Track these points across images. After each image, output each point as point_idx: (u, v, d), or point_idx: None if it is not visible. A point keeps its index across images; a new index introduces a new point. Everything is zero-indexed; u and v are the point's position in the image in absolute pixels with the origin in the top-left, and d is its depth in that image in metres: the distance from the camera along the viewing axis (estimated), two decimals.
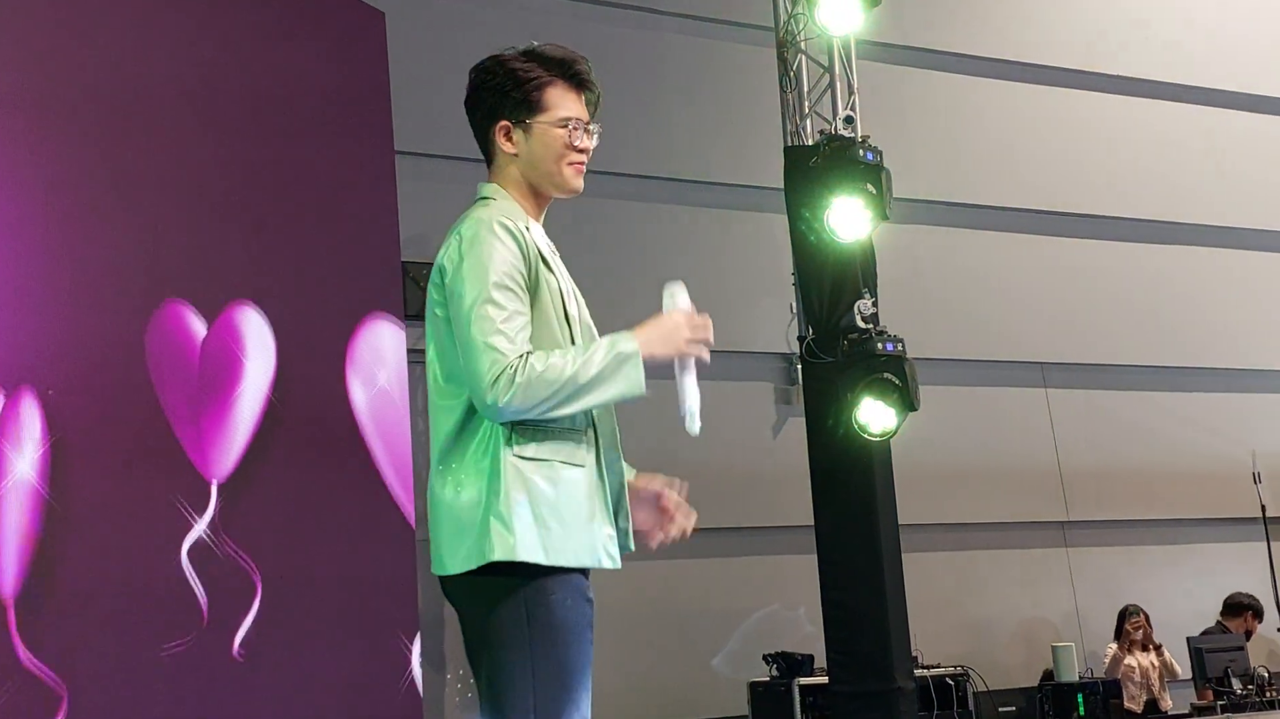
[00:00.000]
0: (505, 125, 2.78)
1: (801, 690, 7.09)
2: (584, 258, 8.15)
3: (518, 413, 2.55)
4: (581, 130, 2.82)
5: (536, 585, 2.59)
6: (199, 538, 5.26)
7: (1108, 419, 9.46)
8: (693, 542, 8.87)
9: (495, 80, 2.79)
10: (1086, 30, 9.97)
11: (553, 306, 2.68)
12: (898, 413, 6.49)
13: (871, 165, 6.59)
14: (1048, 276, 9.47)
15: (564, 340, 2.68)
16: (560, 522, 2.61)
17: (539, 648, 2.59)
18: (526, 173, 2.80)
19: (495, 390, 2.52)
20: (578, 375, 2.56)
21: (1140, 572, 9.20)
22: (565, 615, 2.61)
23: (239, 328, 5.68)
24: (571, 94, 2.82)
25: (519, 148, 2.78)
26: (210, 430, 5.40)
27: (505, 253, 2.61)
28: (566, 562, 2.61)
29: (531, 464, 2.60)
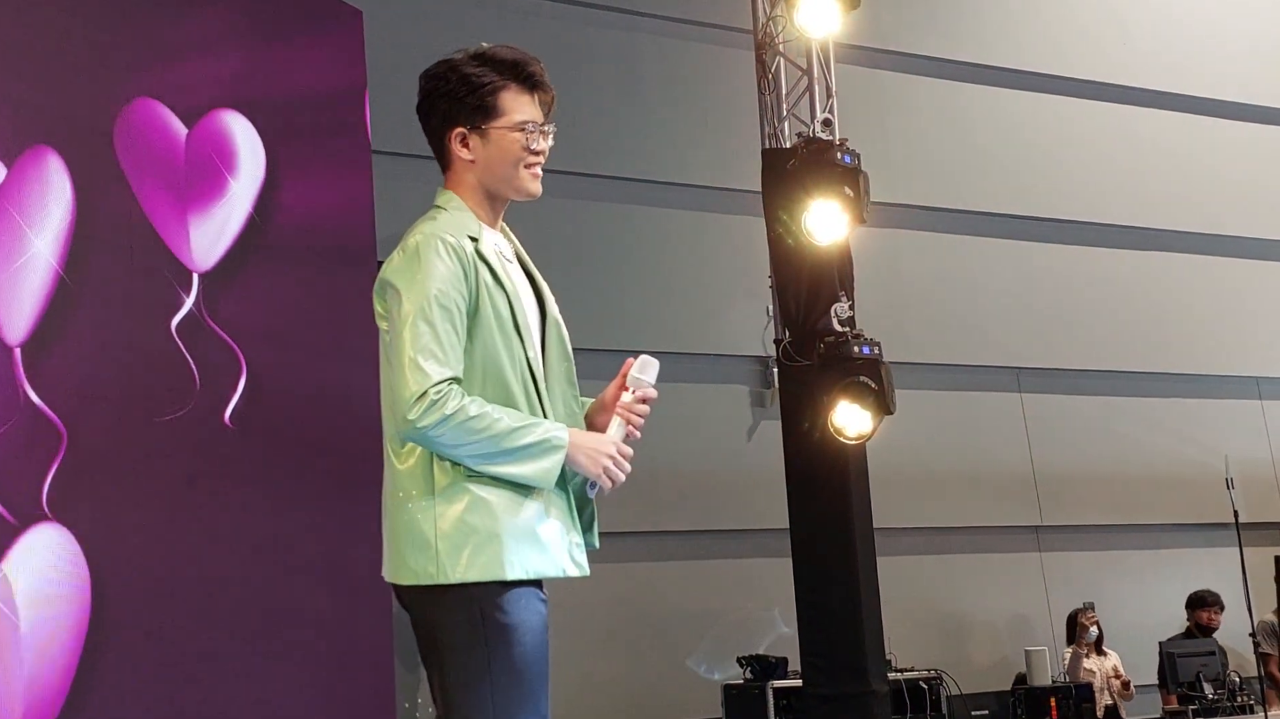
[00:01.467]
0: (461, 132, 2.75)
1: (775, 693, 7.08)
2: (561, 259, 8.18)
3: (430, 442, 2.54)
4: (537, 133, 2.77)
5: (489, 594, 2.57)
6: (188, 314, 5.55)
7: (1081, 424, 9.49)
8: (667, 543, 8.94)
9: (448, 86, 2.76)
10: (1065, 36, 10.00)
11: (496, 323, 2.65)
12: (874, 416, 6.50)
13: (849, 168, 6.60)
14: (1023, 281, 9.50)
15: (513, 355, 2.66)
16: (513, 536, 2.59)
17: (495, 651, 2.57)
18: (484, 178, 2.77)
19: (416, 409, 2.50)
20: (502, 439, 2.55)
21: (1113, 576, 9.23)
22: (519, 618, 2.59)
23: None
24: (525, 96, 2.77)
25: (475, 154, 2.75)
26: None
27: (446, 272, 2.59)
28: (518, 575, 2.58)
29: (472, 480, 2.58)
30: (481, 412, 2.54)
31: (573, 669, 7.73)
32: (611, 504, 8.76)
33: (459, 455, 2.55)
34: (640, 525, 8.05)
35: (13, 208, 5.12)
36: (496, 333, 2.64)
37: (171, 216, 5.66)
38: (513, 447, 2.55)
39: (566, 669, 7.73)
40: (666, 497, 8.12)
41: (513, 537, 2.58)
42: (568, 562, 2.68)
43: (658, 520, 8.10)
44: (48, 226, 5.21)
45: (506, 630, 2.57)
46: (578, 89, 8.28)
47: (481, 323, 2.62)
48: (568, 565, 2.67)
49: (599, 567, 8.70)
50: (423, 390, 2.50)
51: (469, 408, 2.52)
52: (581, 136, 8.23)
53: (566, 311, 2.64)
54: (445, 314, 2.56)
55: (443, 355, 2.53)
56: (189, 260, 5.65)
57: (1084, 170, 9.83)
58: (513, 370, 2.65)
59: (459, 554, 2.55)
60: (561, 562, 2.66)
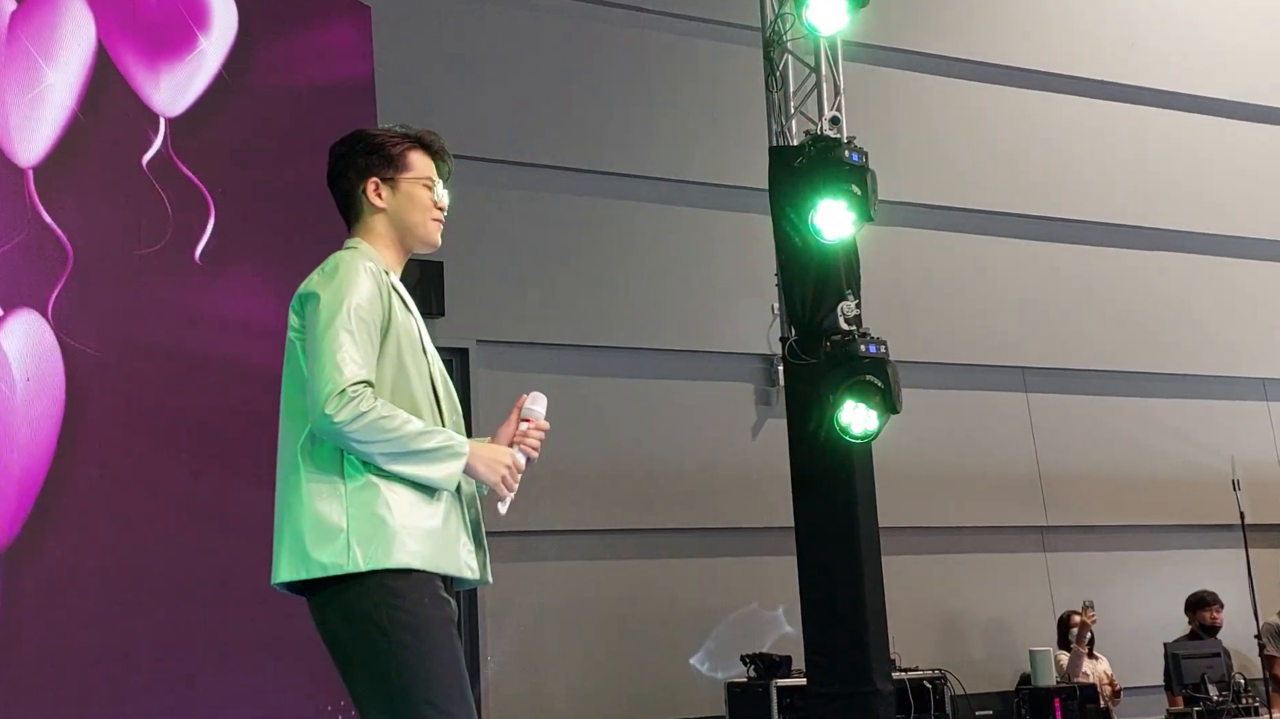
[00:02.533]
0: (375, 181, 3.02)
1: (779, 692, 7.07)
2: (566, 256, 8.20)
3: (344, 437, 2.71)
4: (440, 188, 3.08)
5: (394, 584, 2.70)
6: (156, 153, 5.77)
7: (1087, 424, 9.48)
8: (671, 541, 8.95)
9: (364, 144, 3.04)
10: (1073, 34, 9.99)
11: (407, 343, 2.89)
12: (879, 415, 6.48)
13: (857, 166, 6.58)
14: (1031, 281, 9.48)
15: (420, 372, 2.90)
16: (419, 532, 2.75)
17: (397, 639, 2.67)
18: (393, 225, 3.03)
19: (333, 404, 2.69)
20: (409, 440, 2.74)
21: (1118, 577, 9.22)
22: (425, 613, 2.71)
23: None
24: (429, 159, 3.08)
25: (387, 202, 3.02)
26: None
27: (366, 289, 2.83)
28: (421, 565, 2.73)
29: (380, 477, 2.75)
30: (392, 413, 2.74)
31: (576, 666, 7.74)
32: (617, 500, 8.80)
33: (370, 452, 2.72)
34: (644, 523, 8.06)
35: (26, 39, 5.41)
36: (406, 351, 2.88)
37: None
38: (419, 448, 2.75)
39: (570, 666, 7.76)
40: (671, 494, 8.11)
41: (418, 532, 2.75)
42: (463, 565, 2.85)
43: (662, 518, 8.10)
44: (62, 60, 5.48)
45: (410, 619, 2.68)
46: (585, 86, 8.28)
47: (393, 341, 2.85)
48: (463, 568, 2.85)
49: (603, 563, 8.70)
50: (341, 388, 2.70)
51: (380, 408, 2.73)
52: (588, 133, 8.23)
53: (572, 308, 2.65)
54: (364, 325, 2.79)
55: (360, 359, 2.75)
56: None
57: (1092, 169, 9.81)
58: (420, 386, 2.88)
59: (368, 545, 2.69)
60: (459, 563, 2.84)
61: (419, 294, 7.49)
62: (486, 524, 3.11)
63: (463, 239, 7.75)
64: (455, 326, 7.66)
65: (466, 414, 8.04)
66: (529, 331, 7.93)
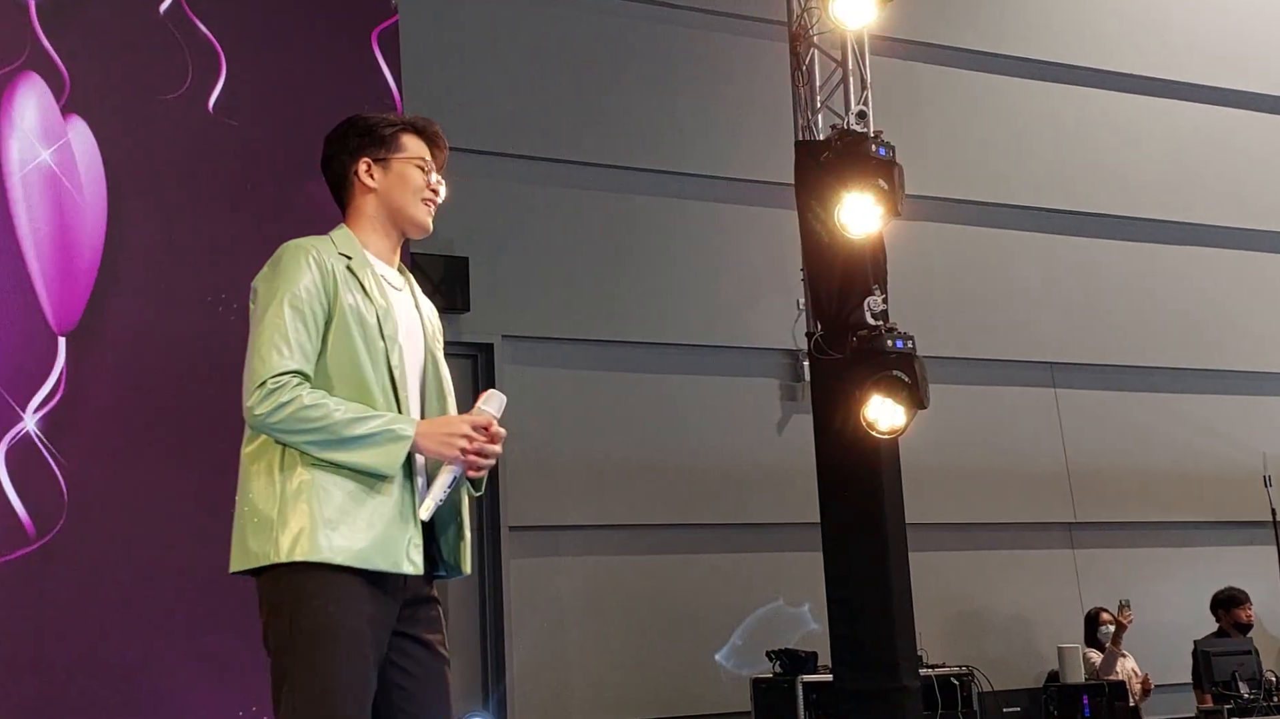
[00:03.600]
0: (367, 162, 3.00)
1: (805, 688, 7.06)
2: (593, 252, 8.18)
3: (268, 429, 2.70)
4: (435, 173, 3.06)
5: (304, 587, 2.66)
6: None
7: (1117, 420, 9.42)
8: (697, 537, 8.92)
9: (358, 127, 3.03)
10: (1101, 28, 9.92)
11: (359, 328, 2.81)
12: (907, 411, 6.45)
13: (884, 161, 6.55)
14: (1059, 276, 9.43)
15: (375, 358, 2.81)
16: (348, 524, 2.68)
17: (300, 634, 2.65)
18: (383, 205, 3.00)
19: (253, 396, 2.69)
20: (340, 428, 2.70)
21: (1147, 574, 9.16)
22: (331, 615, 2.65)
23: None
24: (423, 142, 3.06)
25: (378, 182, 3.00)
26: None
27: (302, 278, 2.79)
28: (344, 561, 2.67)
29: (314, 468, 2.71)
30: (318, 402, 2.70)
31: (601, 661, 7.73)
32: (644, 497, 8.79)
33: (298, 443, 2.70)
34: (670, 518, 8.05)
35: None
36: (357, 336, 2.81)
37: None
38: (351, 435, 2.70)
39: (595, 661, 7.76)
40: (696, 489, 8.10)
41: (350, 525, 2.69)
42: (402, 558, 2.74)
43: (687, 513, 8.08)
44: None
45: (319, 615, 2.64)
46: (610, 81, 8.27)
47: (342, 323, 2.80)
48: (402, 562, 2.74)
49: (628, 559, 8.69)
50: (260, 380, 2.70)
51: (304, 398, 2.70)
52: (614, 128, 8.22)
53: (598, 303, 2.62)
54: (296, 314, 2.76)
55: (287, 350, 2.72)
56: None
57: (1122, 164, 9.75)
58: (373, 371, 2.81)
59: (292, 537, 2.66)
60: (395, 557, 2.73)
61: (444, 290, 7.53)
62: (510, 519, 3.07)
63: (488, 234, 7.75)
64: (481, 322, 7.66)
65: None
66: (554, 327, 7.93)
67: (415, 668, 2.80)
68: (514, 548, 7.57)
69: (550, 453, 7.78)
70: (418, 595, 2.83)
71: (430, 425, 2.79)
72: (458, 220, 7.60)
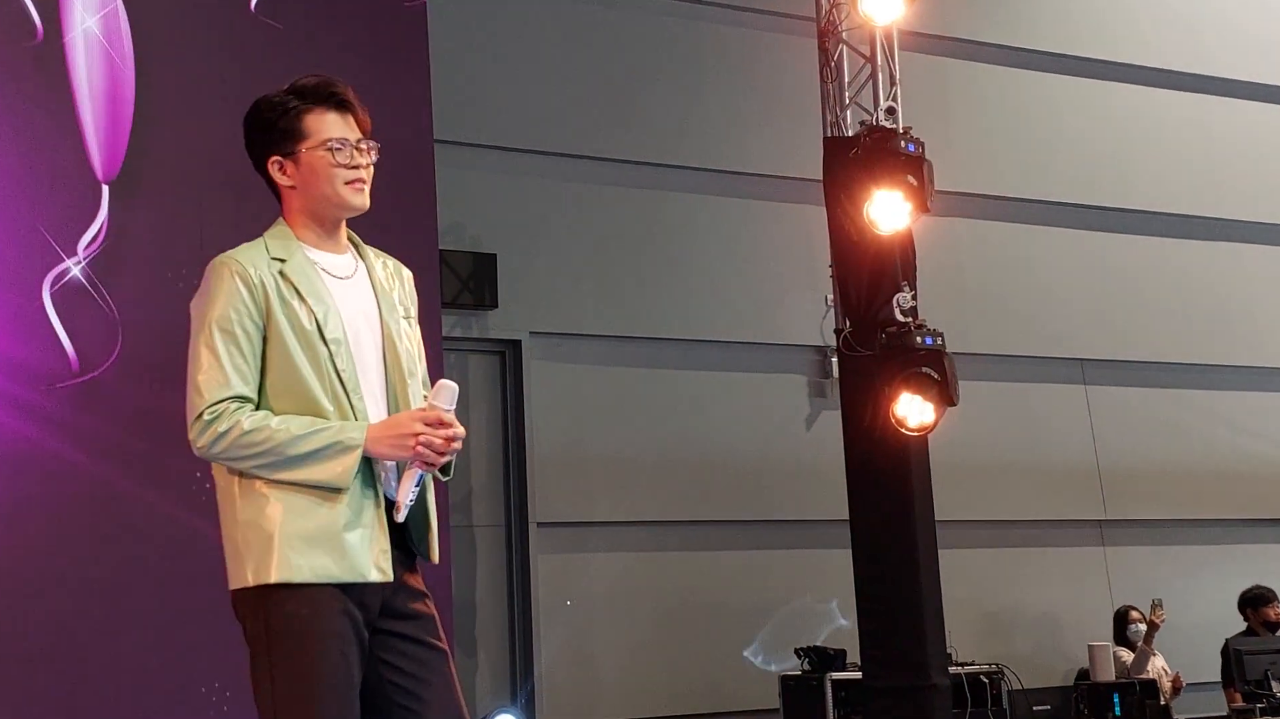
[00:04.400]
0: (276, 159, 2.83)
1: (834, 685, 7.05)
2: (621, 248, 8.18)
3: (217, 459, 2.69)
4: (350, 149, 2.82)
5: (277, 598, 2.64)
6: None
7: (1147, 417, 9.37)
8: (725, 533, 8.91)
9: (257, 119, 2.85)
10: (1132, 22, 9.85)
11: (297, 336, 2.73)
12: (936, 408, 6.43)
13: (913, 157, 6.53)
14: (1089, 272, 9.38)
15: (319, 366, 2.74)
16: (307, 541, 2.66)
17: (276, 656, 2.64)
18: (305, 200, 2.84)
19: (193, 430, 2.67)
20: (285, 447, 2.66)
21: (1178, 572, 9.11)
22: (305, 627, 2.63)
23: None
24: (331, 115, 2.84)
25: (293, 178, 2.83)
26: None
27: (229, 297, 2.71)
28: (306, 578, 2.64)
29: (269, 486, 2.68)
30: (258, 425, 2.66)
31: (629, 658, 7.74)
32: (671, 493, 8.77)
33: (246, 469, 2.68)
34: (697, 515, 8.04)
35: None
36: (296, 345, 2.72)
37: None
38: (297, 453, 2.66)
39: (623, 658, 7.76)
40: (724, 486, 8.09)
41: (306, 541, 2.66)
42: (369, 567, 2.69)
43: (715, 510, 8.08)
44: None
45: (290, 636, 2.63)
46: (638, 78, 8.27)
47: (278, 337, 2.72)
48: (369, 571, 2.69)
49: (656, 555, 8.67)
50: (198, 413, 2.67)
51: (243, 423, 2.66)
52: (641, 125, 8.21)
53: (625, 299, 2.59)
54: (226, 337, 2.69)
55: (222, 378, 2.67)
56: None
57: (1151, 159, 9.68)
58: (318, 380, 2.74)
59: (255, 560, 2.65)
60: (362, 567, 2.68)
61: (472, 286, 7.55)
62: (538, 515, 3.03)
63: (516, 231, 7.76)
64: (508, 319, 7.67)
65: (519, 406, 8.07)
66: (582, 324, 7.93)
67: (410, 664, 2.75)
68: (542, 544, 7.58)
69: (578, 449, 7.78)
70: (399, 586, 2.76)
71: (380, 429, 2.71)
72: (485, 217, 7.62)
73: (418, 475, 2.74)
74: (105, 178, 5.57)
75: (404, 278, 2.99)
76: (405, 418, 2.74)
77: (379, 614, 2.73)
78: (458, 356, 7.47)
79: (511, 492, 7.61)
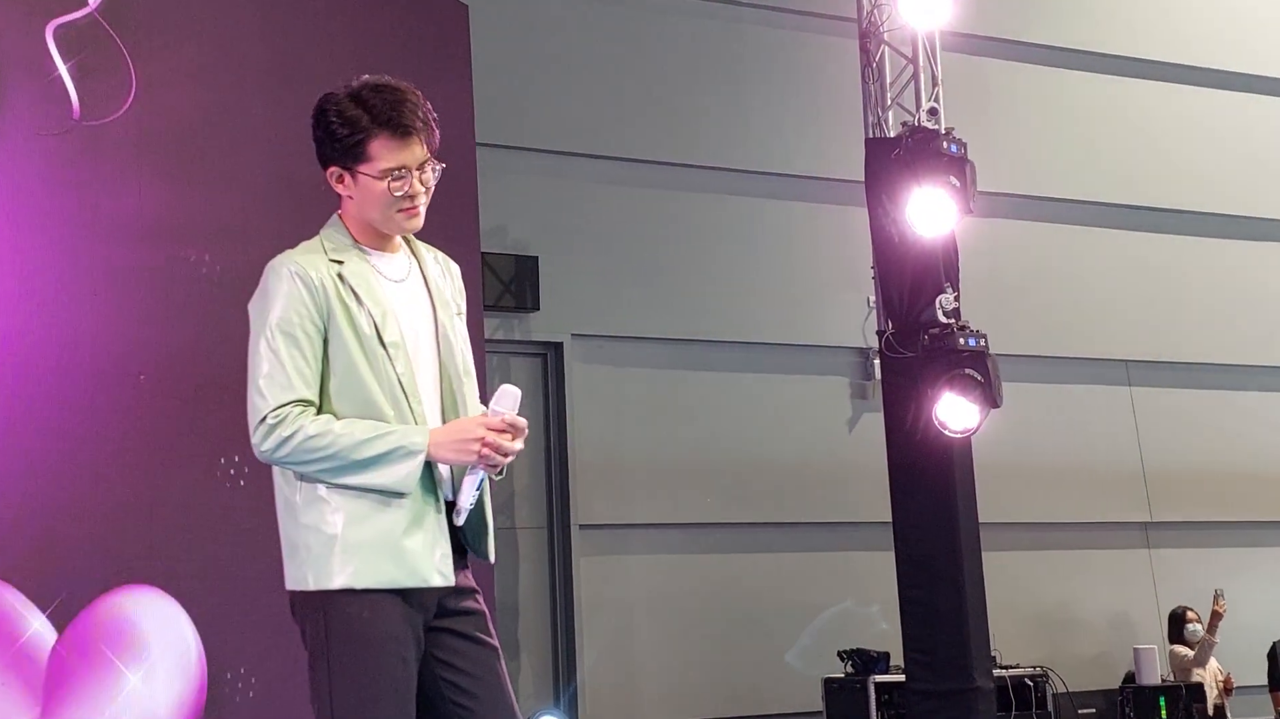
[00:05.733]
0: (335, 170, 2.82)
1: (877, 688, 7.03)
2: (662, 251, 8.18)
3: (280, 463, 2.68)
4: (410, 178, 2.80)
5: (336, 603, 2.65)
6: None
7: (1193, 419, 9.30)
8: (766, 536, 8.89)
9: (325, 126, 2.82)
10: (1174, 22, 9.78)
11: (357, 340, 2.73)
12: (979, 409, 6.41)
13: (955, 157, 6.50)
14: (1133, 273, 9.31)
15: (378, 370, 2.73)
16: (368, 546, 2.66)
17: (335, 661, 2.64)
18: (360, 213, 2.84)
19: (256, 434, 2.66)
20: (349, 452, 2.65)
21: (1224, 574, 9.02)
22: (364, 630, 2.64)
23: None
24: (395, 142, 2.79)
25: (349, 190, 2.82)
26: None
27: (289, 299, 2.70)
28: (368, 584, 2.65)
29: (331, 490, 2.68)
30: (322, 429, 2.65)
31: (671, 660, 7.74)
32: (712, 495, 8.71)
33: (309, 473, 2.67)
34: (740, 517, 8.04)
35: None
36: (356, 348, 2.72)
37: None
38: (361, 458, 2.65)
39: (665, 660, 7.77)
40: (766, 488, 8.09)
41: (369, 547, 2.66)
42: (431, 572, 2.70)
43: (757, 512, 8.07)
44: None
45: (349, 640, 2.64)
46: (680, 80, 8.28)
47: (339, 339, 2.72)
48: (430, 575, 2.70)
49: (698, 558, 8.65)
50: (261, 417, 2.65)
51: (308, 428, 2.65)
52: (685, 128, 8.22)
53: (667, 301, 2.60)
54: (289, 339, 2.68)
55: (285, 380, 2.67)
56: None
57: (1195, 159, 9.61)
58: (378, 384, 2.73)
59: (315, 564, 2.66)
60: (424, 571, 2.69)
61: (514, 289, 7.58)
62: (580, 517, 3.02)
63: (558, 234, 7.79)
64: (550, 321, 7.69)
65: (561, 409, 8.09)
66: (624, 326, 7.95)
67: (462, 662, 2.75)
68: (584, 546, 7.60)
69: (620, 451, 7.79)
70: (454, 587, 2.77)
71: (443, 434, 2.71)
72: (528, 220, 7.64)
73: (479, 478, 2.75)
74: None
75: (453, 273, 3.00)
76: (469, 423, 2.73)
77: (435, 613, 2.74)
78: (500, 359, 7.50)
79: (554, 493, 7.64)
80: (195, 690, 5.15)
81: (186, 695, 5.15)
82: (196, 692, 5.15)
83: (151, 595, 5.11)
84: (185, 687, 5.13)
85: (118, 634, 5.03)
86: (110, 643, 5.00)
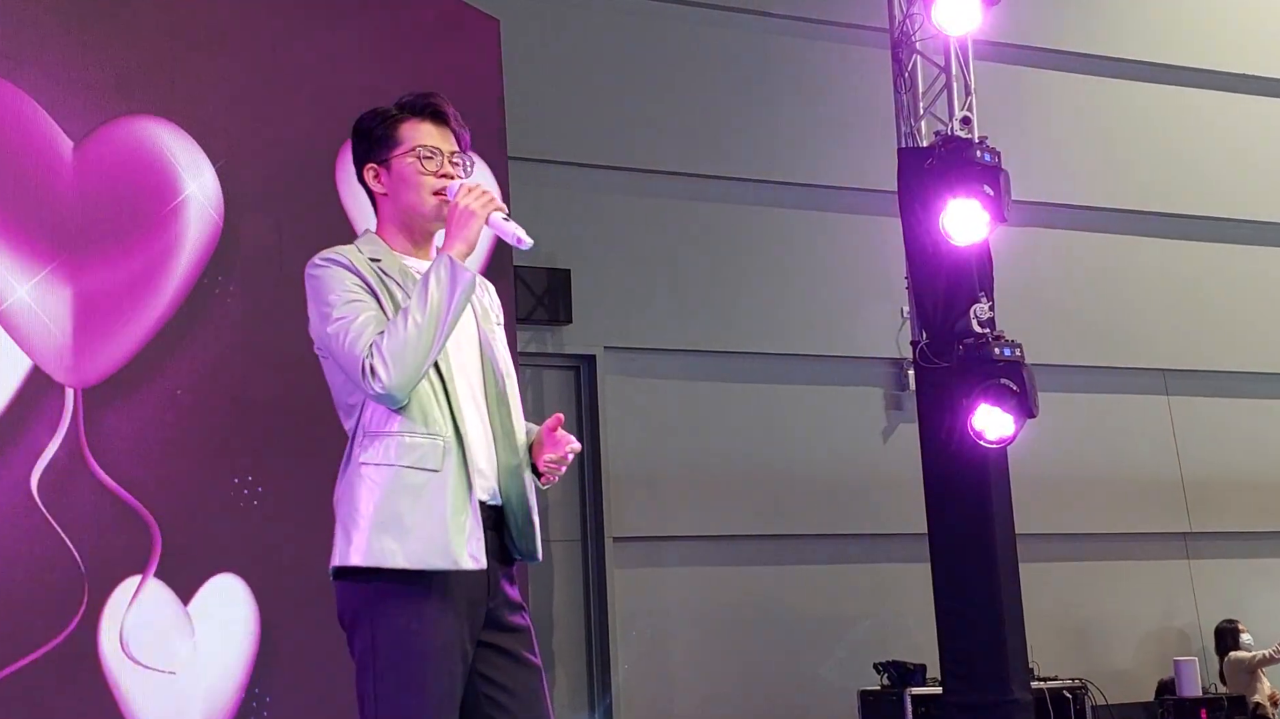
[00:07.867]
0: (372, 167, 2.88)
1: (913, 700, 6.99)
2: (695, 262, 8.18)
3: (403, 385, 2.67)
4: (442, 159, 2.86)
5: (378, 588, 2.68)
6: None
7: (1232, 428, 9.22)
8: (801, 547, 8.85)
9: (358, 127, 2.92)
10: (1208, 27, 9.72)
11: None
12: (1015, 419, 6.37)
13: (989, 166, 6.48)
14: (1170, 281, 9.25)
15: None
16: (405, 526, 2.67)
17: (382, 674, 2.66)
18: (397, 209, 2.88)
19: (370, 383, 2.67)
20: (419, 320, 2.68)
21: (1265, 585, 8.95)
22: (414, 632, 2.66)
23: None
24: (426, 125, 2.88)
25: (385, 185, 2.88)
26: None
27: (339, 278, 2.76)
28: (404, 564, 2.66)
29: (375, 469, 2.70)
30: (392, 329, 2.67)
31: (706, 672, 7.72)
32: (747, 507, 8.71)
33: (429, 358, 2.69)
34: (774, 529, 8.02)
35: None
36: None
37: None
38: (429, 311, 2.68)
39: (700, 672, 7.75)
40: (801, 500, 8.06)
41: (399, 525, 2.68)
42: (461, 554, 2.70)
43: (792, 524, 8.05)
44: None
45: (396, 649, 2.65)
46: (712, 92, 8.27)
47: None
48: (461, 557, 2.70)
49: (733, 569, 8.63)
50: (361, 368, 2.67)
51: (382, 344, 2.66)
52: (717, 140, 8.22)
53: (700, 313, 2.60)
54: (346, 303, 2.73)
55: (360, 328, 2.70)
56: None
57: (1232, 166, 9.54)
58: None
59: (357, 538, 2.68)
60: (454, 553, 2.69)
61: (546, 302, 7.59)
62: (614, 529, 3.02)
63: (590, 247, 7.79)
64: (583, 333, 7.70)
65: (594, 421, 8.09)
66: (657, 337, 7.94)
67: (504, 678, 2.76)
68: (618, 558, 7.59)
69: (654, 463, 7.79)
70: (500, 599, 2.78)
71: (450, 232, 2.76)
72: (560, 232, 7.65)
73: (501, 216, 2.79)
74: None
75: (490, 290, 3.03)
76: (464, 190, 2.77)
77: (483, 625, 2.75)
78: (533, 372, 7.51)
79: (587, 506, 7.64)
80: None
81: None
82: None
83: None
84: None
85: None
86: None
